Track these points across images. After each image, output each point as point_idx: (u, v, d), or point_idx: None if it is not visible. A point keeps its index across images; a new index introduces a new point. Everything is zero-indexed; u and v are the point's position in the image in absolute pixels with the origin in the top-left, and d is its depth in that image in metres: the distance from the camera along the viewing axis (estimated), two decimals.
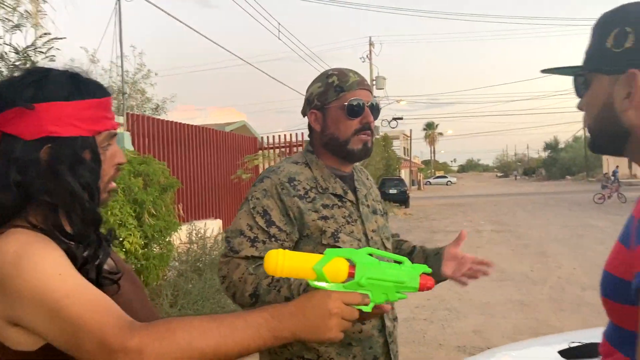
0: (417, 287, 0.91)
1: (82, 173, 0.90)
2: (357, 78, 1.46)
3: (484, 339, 4.67)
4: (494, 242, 10.83)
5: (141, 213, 4.18)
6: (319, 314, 0.86)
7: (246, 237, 1.36)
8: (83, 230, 0.91)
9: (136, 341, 0.78)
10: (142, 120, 8.34)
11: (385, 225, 1.57)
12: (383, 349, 1.44)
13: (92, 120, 0.92)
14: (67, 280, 0.82)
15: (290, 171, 1.43)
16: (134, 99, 17.07)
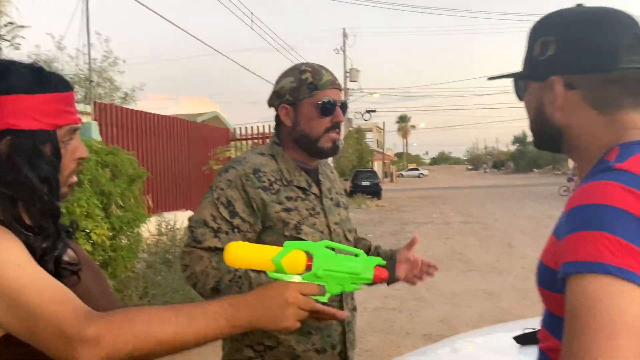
0: (371, 278, 0.95)
1: (41, 166, 0.91)
2: (330, 77, 1.49)
3: (450, 328, 4.80)
4: (462, 234, 11.07)
5: (108, 204, 4.13)
6: (276, 304, 0.89)
7: (209, 228, 1.37)
8: (41, 223, 0.91)
9: (93, 330, 0.79)
10: (110, 110, 8.18)
11: (348, 218, 1.61)
12: (340, 338, 1.48)
13: (53, 114, 0.93)
14: (26, 271, 0.83)
15: (256, 162, 1.45)
16: (102, 88, 16.68)
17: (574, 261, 0.69)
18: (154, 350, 0.83)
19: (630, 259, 0.66)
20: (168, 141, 9.89)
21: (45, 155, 0.92)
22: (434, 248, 9.34)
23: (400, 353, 4.12)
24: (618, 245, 0.66)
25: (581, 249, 0.68)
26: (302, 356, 1.41)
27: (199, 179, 11.02)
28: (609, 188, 0.71)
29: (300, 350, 1.41)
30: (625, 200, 0.69)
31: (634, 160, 0.75)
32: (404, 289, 6.23)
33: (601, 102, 0.81)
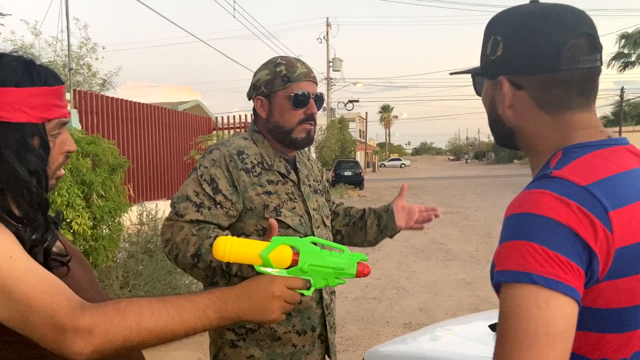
0: (355, 273, 0.99)
1: (29, 159, 0.92)
2: (304, 70, 1.51)
3: (429, 316, 4.89)
4: (442, 224, 11.21)
5: (90, 194, 4.10)
6: (263, 297, 0.93)
7: (192, 202, 1.39)
8: (30, 214, 0.92)
9: (87, 321, 0.81)
10: (90, 98, 8.06)
11: (325, 204, 1.65)
12: (320, 320, 1.52)
13: (42, 107, 0.93)
14: (18, 263, 0.85)
15: (240, 145, 1.48)
16: (80, 74, 16.39)
17: (504, 270, 0.71)
18: (145, 341, 0.85)
19: (556, 268, 0.67)
20: (149, 130, 9.79)
21: (34, 148, 0.93)
22: (415, 238, 9.46)
23: (380, 341, 4.20)
24: (545, 255, 0.68)
25: (510, 258, 0.70)
26: (283, 338, 1.45)
27: (181, 169, 10.94)
28: (542, 197, 0.72)
29: (281, 332, 1.45)
30: (556, 209, 0.70)
31: (572, 167, 0.76)
32: (385, 279, 6.31)
33: (547, 103, 0.81)
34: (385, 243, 9.19)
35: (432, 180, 29.49)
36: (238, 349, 1.44)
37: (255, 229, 1.43)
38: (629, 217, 0.72)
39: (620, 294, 0.72)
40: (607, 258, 0.70)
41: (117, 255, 4.86)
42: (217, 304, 0.91)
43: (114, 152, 4.64)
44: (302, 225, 1.49)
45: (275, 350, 1.46)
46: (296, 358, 1.48)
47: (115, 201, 4.39)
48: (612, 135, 0.83)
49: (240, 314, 0.92)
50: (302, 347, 1.48)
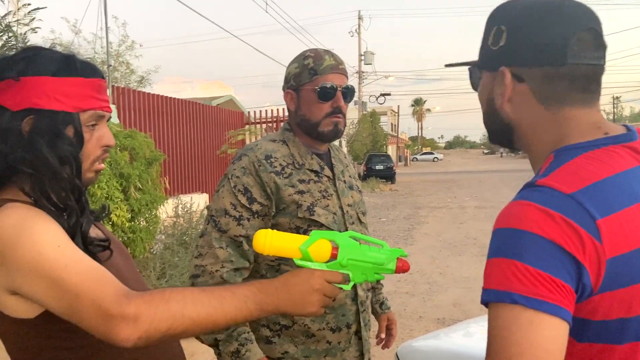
0: (394, 269, 0.98)
1: (60, 146, 0.94)
2: (331, 62, 1.50)
3: (463, 312, 4.83)
4: (477, 219, 11.04)
5: (127, 187, 4.21)
6: (302, 290, 0.93)
7: (232, 217, 1.41)
8: (63, 199, 0.95)
9: (133, 308, 0.83)
10: (127, 94, 8.26)
11: (362, 201, 1.64)
12: (355, 317, 1.52)
13: (77, 97, 0.96)
14: (66, 252, 0.87)
15: (267, 149, 1.49)
16: (119, 71, 16.80)
17: (487, 289, 0.68)
18: (188, 330, 0.87)
19: (540, 287, 0.64)
20: (184, 124, 9.97)
21: (66, 136, 0.95)
22: (448, 232, 9.34)
23: (412, 336, 4.17)
24: (527, 273, 0.65)
25: (493, 276, 0.68)
26: (317, 334, 1.46)
27: (214, 162, 11.10)
28: (525, 210, 0.69)
29: (314, 329, 1.45)
30: (540, 223, 0.67)
31: (559, 173, 0.72)
32: (417, 273, 6.26)
33: (548, 97, 0.78)
34: (418, 238, 9.12)
35: (466, 174, 29.02)
36: (272, 345, 1.45)
37: (288, 227, 1.44)
38: (620, 224, 0.68)
39: (620, 304, 0.68)
40: (598, 269, 0.66)
41: (154, 247, 4.98)
42: (257, 295, 0.92)
43: (150, 146, 4.75)
44: (336, 223, 1.48)
45: (310, 347, 1.46)
46: (331, 354, 1.48)
47: (151, 194, 4.50)
48: (612, 131, 0.78)
49: (279, 306, 0.93)
50: (337, 344, 1.48)
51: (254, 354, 1.37)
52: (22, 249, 0.85)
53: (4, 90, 0.93)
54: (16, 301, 0.90)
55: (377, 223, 10.43)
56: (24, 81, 0.93)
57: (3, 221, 0.87)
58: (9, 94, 0.93)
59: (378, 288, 1.79)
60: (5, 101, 0.93)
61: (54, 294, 0.85)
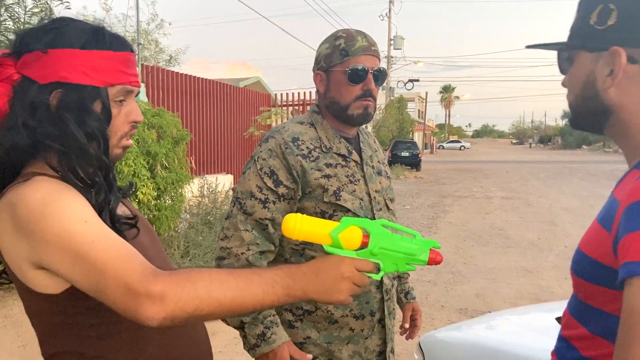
0: (427, 260, 0.94)
1: (88, 122, 0.92)
2: (364, 43, 1.45)
3: (485, 303, 4.76)
4: (503, 209, 10.85)
5: (154, 165, 4.24)
6: (331, 277, 0.90)
7: (257, 200, 1.40)
8: (92, 176, 0.94)
9: (159, 287, 0.82)
10: (156, 72, 8.32)
11: (390, 187, 1.60)
12: (379, 305, 1.49)
13: (105, 71, 0.94)
14: (93, 228, 0.86)
15: (294, 131, 1.46)
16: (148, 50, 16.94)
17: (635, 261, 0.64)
18: (214, 312, 0.85)
19: None
20: (211, 105, 10.01)
21: (94, 111, 0.93)
22: (473, 222, 9.21)
23: (434, 326, 4.13)
24: None
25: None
26: (340, 321, 1.44)
27: (240, 144, 11.15)
28: None
29: (337, 316, 1.43)
30: None
31: None
32: None
33: None
34: (442, 227, 9.01)
35: (493, 164, 28.53)
36: (295, 330, 1.44)
37: (314, 211, 1.42)
38: None
39: None
40: None
41: (178, 225, 5.04)
42: (285, 280, 0.89)
43: (177, 125, 4.77)
44: (362, 209, 1.45)
45: (333, 333, 1.44)
46: (354, 342, 1.46)
47: (177, 173, 4.53)
48: None
49: (307, 292, 0.90)
50: (360, 332, 1.46)
51: (279, 337, 1.36)
52: (49, 222, 0.84)
53: (32, 62, 0.92)
54: (42, 276, 0.89)
55: (401, 210, 10.34)
56: (52, 54, 0.91)
57: (30, 194, 0.86)
58: (36, 66, 0.91)
59: (404, 277, 1.75)
60: (33, 73, 0.92)
61: (80, 270, 0.84)
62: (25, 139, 0.91)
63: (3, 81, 0.92)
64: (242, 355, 3.61)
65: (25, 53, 0.91)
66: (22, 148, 0.92)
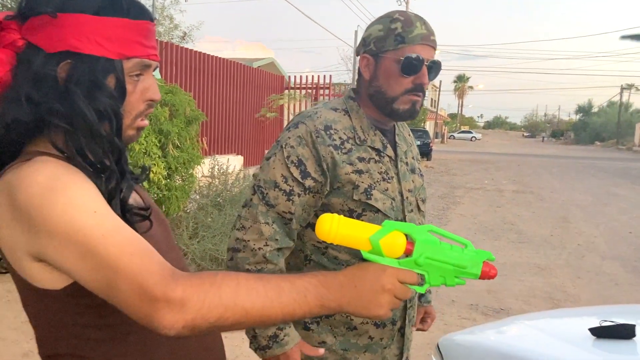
0: (479, 274, 0.84)
1: (100, 99, 0.81)
2: (423, 31, 1.29)
3: (497, 300, 4.67)
4: (514, 203, 10.70)
5: (166, 144, 4.15)
6: (370, 288, 0.80)
7: (282, 191, 1.27)
8: (103, 160, 0.83)
9: (179, 292, 0.72)
10: (170, 49, 8.19)
11: (423, 186, 1.48)
12: (402, 313, 1.39)
13: (121, 42, 0.82)
14: (104, 219, 0.76)
15: (327, 118, 1.32)
16: (162, 25, 16.77)
17: None
18: (239, 322, 0.76)
19: None
20: (224, 84, 9.88)
21: (107, 87, 0.82)
22: (484, 215, 9.08)
23: (444, 320, 4.05)
24: None
25: None
26: (359, 328, 1.34)
27: (251, 125, 11.03)
28: None
29: (357, 322, 1.34)
30: None
31: None
32: None
33: None
34: (453, 218, 8.90)
35: (505, 156, 28.24)
36: (310, 332, 1.34)
37: (340, 208, 1.30)
38: None
39: None
40: None
41: (188, 205, 4.96)
42: (319, 289, 0.79)
43: (191, 104, 4.67)
44: (393, 210, 1.33)
45: (350, 340, 1.34)
46: (372, 350, 1.36)
47: (189, 153, 4.44)
48: None
49: (343, 304, 0.80)
50: (379, 340, 1.36)
51: (292, 339, 1.26)
52: (53, 211, 0.74)
53: (39, 27, 0.80)
54: (41, 269, 0.79)
55: None
56: (61, 18, 0.79)
57: (31, 176, 0.76)
58: (44, 32, 0.80)
59: None
60: (40, 40, 0.80)
61: (87, 266, 0.74)
62: (28, 114, 0.80)
63: (6, 47, 0.81)
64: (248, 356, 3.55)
65: (32, 16, 0.80)
66: (24, 124, 0.81)
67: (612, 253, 6.56)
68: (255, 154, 11.05)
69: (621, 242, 7.24)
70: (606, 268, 5.82)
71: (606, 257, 6.34)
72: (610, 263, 6.03)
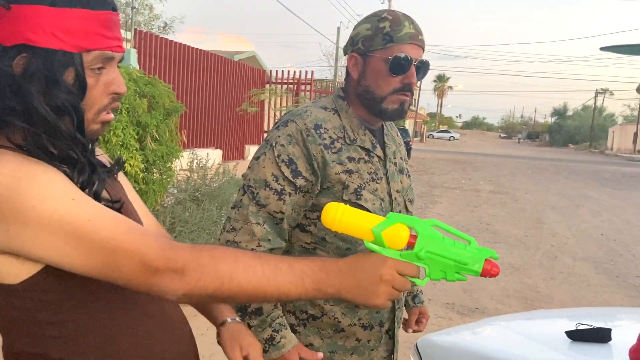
0: (480, 272, 0.84)
1: (56, 94, 0.78)
2: (411, 30, 1.28)
3: (472, 299, 4.73)
4: (490, 203, 10.86)
5: (144, 136, 4.07)
6: (369, 278, 0.82)
7: (272, 190, 1.25)
8: (69, 154, 0.81)
9: (180, 262, 0.76)
10: (150, 39, 8.05)
11: (411, 187, 1.47)
12: (389, 315, 1.39)
13: (80, 34, 0.79)
14: (84, 205, 0.76)
15: (317, 117, 1.31)
16: (142, 15, 16.47)
17: None
18: (234, 296, 0.80)
19: None
20: (205, 77, 9.76)
21: (64, 82, 0.79)
22: (461, 215, 9.19)
23: None
24: None
25: None
26: (347, 330, 1.33)
27: (231, 119, 10.93)
28: None
29: (345, 324, 1.32)
30: None
31: None
32: None
33: None
34: (431, 217, 8.97)
35: (482, 157, 28.64)
36: (296, 335, 1.32)
37: None
38: None
39: None
40: None
41: (165, 200, 4.88)
42: (318, 274, 0.82)
43: (171, 96, 4.58)
44: (382, 211, 1.32)
45: (337, 342, 1.33)
46: (359, 352, 1.35)
47: (168, 146, 4.36)
48: None
49: (341, 291, 0.83)
50: (366, 342, 1.36)
51: (289, 341, 1.24)
52: (28, 202, 0.72)
53: None
54: (3, 262, 0.77)
55: None
56: (15, 10, 0.76)
57: None
58: None
59: None
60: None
61: (79, 252, 0.75)
62: None
63: None
64: None
65: None
66: None
67: (584, 254, 6.71)
68: (235, 148, 10.95)
69: (593, 244, 7.41)
70: (578, 269, 5.95)
71: (578, 258, 6.48)
72: (582, 264, 6.17)
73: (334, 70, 21.48)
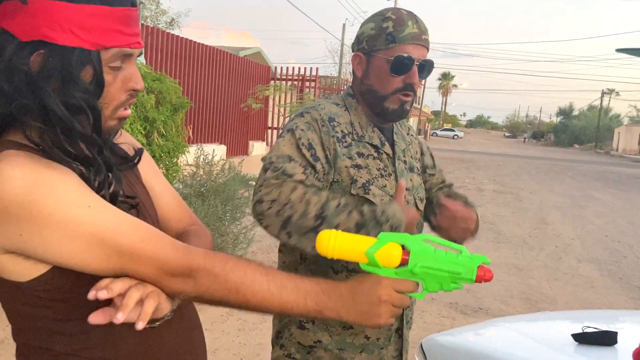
0: (474, 278, 0.88)
1: (72, 93, 0.77)
2: (414, 30, 1.29)
3: (476, 299, 4.73)
4: (494, 203, 10.84)
5: (151, 132, 4.09)
6: (368, 301, 0.86)
7: (297, 162, 1.23)
8: (82, 152, 0.80)
9: (194, 270, 0.80)
10: (156, 34, 8.06)
11: (421, 185, 1.48)
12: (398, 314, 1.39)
13: (98, 31, 0.77)
14: (100, 212, 0.77)
15: (331, 110, 1.33)
16: (148, 10, 16.48)
17: None
18: (239, 306, 0.84)
19: None
20: (211, 73, 9.77)
21: (81, 80, 0.77)
22: None
23: (423, 319, 4.09)
24: None
25: None
26: (355, 327, 1.34)
27: (236, 115, 10.94)
28: None
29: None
30: None
31: None
32: None
33: None
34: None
35: (486, 156, 28.58)
36: (305, 331, 1.33)
37: None
38: None
39: None
40: None
41: None
42: (320, 296, 0.85)
43: (177, 92, 4.60)
44: None
45: (346, 339, 1.34)
46: (368, 350, 1.36)
47: (174, 141, 4.38)
48: None
49: (341, 314, 0.86)
50: (375, 340, 1.36)
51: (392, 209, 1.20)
52: (44, 210, 0.72)
53: (10, 13, 0.75)
54: (10, 261, 0.77)
55: None
56: (32, 5, 0.74)
57: (6, 172, 0.73)
58: (16, 18, 0.75)
59: None
60: (13, 26, 0.75)
61: (96, 257, 0.77)
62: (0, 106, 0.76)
63: None
64: (228, 334, 3.53)
65: (3, 1, 0.75)
66: None
67: (588, 256, 6.70)
68: (239, 144, 10.96)
69: (597, 245, 7.39)
70: (582, 271, 5.94)
71: (582, 259, 6.47)
72: (586, 266, 6.16)
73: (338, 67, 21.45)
